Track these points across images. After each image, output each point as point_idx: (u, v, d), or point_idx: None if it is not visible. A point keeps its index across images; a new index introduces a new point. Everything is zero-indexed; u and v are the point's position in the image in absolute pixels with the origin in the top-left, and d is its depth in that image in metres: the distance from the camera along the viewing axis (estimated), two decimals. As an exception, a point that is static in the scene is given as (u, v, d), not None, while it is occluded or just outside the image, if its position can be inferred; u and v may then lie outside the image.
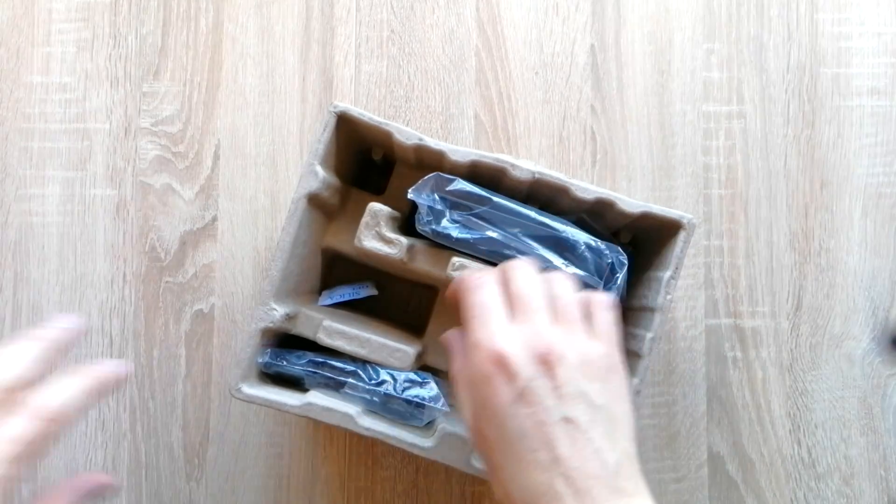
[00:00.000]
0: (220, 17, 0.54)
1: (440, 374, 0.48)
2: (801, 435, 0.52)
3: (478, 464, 0.42)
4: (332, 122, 0.43)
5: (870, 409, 0.52)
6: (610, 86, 0.54)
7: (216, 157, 0.53)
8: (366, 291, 0.50)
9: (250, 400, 0.42)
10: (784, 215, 0.53)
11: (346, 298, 0.49)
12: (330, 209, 0.47)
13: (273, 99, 0.54)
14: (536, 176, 0.43)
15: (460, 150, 0.43)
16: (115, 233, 0.53)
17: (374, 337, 0.44)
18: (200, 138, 0.53)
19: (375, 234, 0.43)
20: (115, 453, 0.52)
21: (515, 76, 0.54)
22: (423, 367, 0.48)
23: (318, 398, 0.43)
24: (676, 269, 0.43)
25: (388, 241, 0.43)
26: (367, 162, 0.50)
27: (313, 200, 0.44)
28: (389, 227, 0.43)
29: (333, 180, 0.45)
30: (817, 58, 0.53)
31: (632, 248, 0.48)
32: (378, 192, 0.48)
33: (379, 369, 0.44)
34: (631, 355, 0.43)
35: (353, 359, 0.44)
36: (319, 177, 0.43)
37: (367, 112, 0.43)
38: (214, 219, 0.53)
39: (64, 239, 0.53)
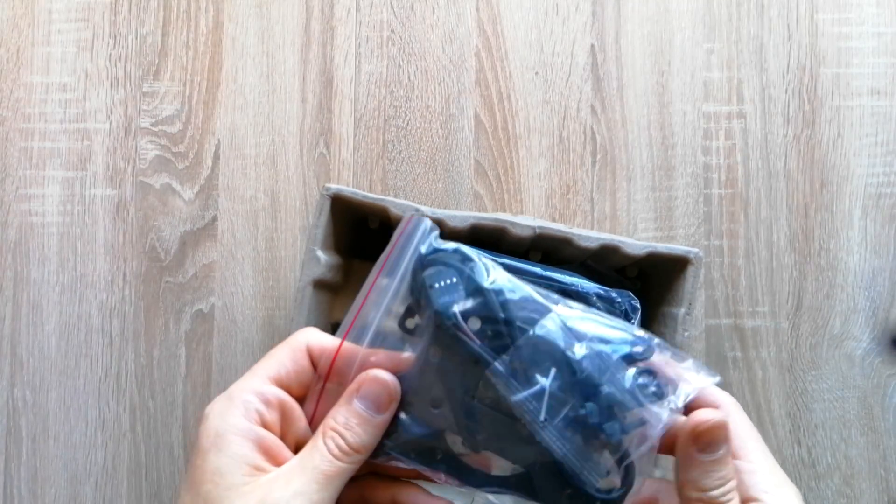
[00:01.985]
0: (220, 17, 0.54)
1: None
2: (801, 435, 0.52)
3: None
4: (327, 205, 0.44)
5: (870, 409, 0.52)
6: (610, 86, 0.54)
7: (216, 157, 0.53)
8: None
9: None
10: (784, 215, 0.53)
11: None
12: (335, 287, 0.47)
13: (273, 99, 0.54)
14: (538, 231, 0.43)
15: (458, 214, 0.43)
16: (115, 233, 0.53)
17: None
18: (200, 138, 0.53)
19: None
20: (115, 453, 0.52)
21: (515, 76, 0.54)
22: None
23: None
24: (690, 304, 0.43)
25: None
26: (364, 229, 0.49)
27: (318, 284, 0.44)
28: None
29: (335, 260, 0.45)
30: (817, 58, 0.53)
31: (640, 283, 0.48)
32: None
33: None
34: None
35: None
36: (322, 261, 0.43)
37: (360, 191, 0.44)
38: (214, 219, 0.53)
39: (64, 239, 0.53)
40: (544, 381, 0.27)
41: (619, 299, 0.42)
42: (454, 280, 0.27)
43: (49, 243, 0.53)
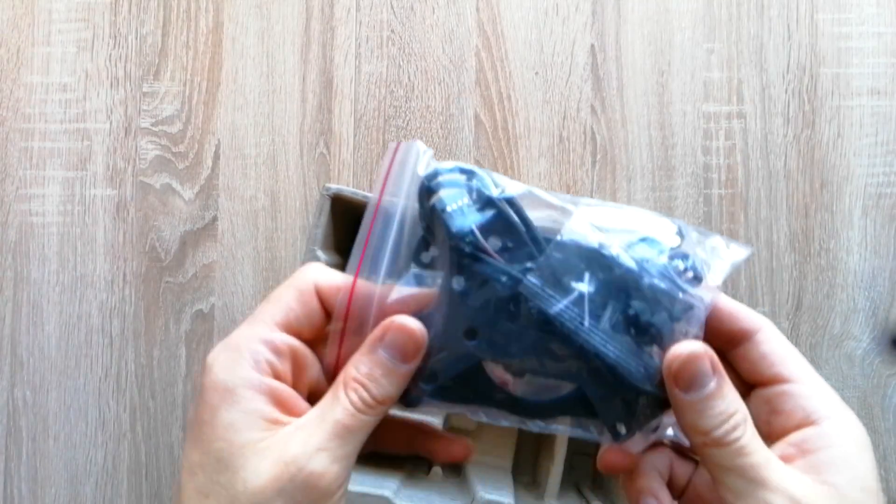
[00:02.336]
0: (220, 17, 0.54)
1: (461, 434, 0.47)
2: (801, 435, 0.52)
3: None
4: (327, 205, 0.43)
5: (870, 409, 0.52)
6: (610, 86, 0.54)
7: (216, 157, 0.53)
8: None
9: None
10: (784, 215, 0.53)
11: None
12: None
13: (273, 99, 0.54)
14: None
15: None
16: (115, 233, 0.53)
17: (397, 412, 0.42)
18: (200, 138, 0.53)
19: None
20: (115, 453, 0.52)
21: (515, 76, 0.54)
22: (450, 429, 0.47)
23: (351, 484, 0.41)
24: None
25: None
26: None
27: None
28: None
29: (335, 260, 0.45)
30: (817, 58, 0.53)
31: None
32: None
33: None
34: None
35: None
36: (322, 261, 0.43)
37: (360, 191, 0.44)
38: (214, 219, 0.53)
39: (64, 239, 0.53)
40: (581, 287, 0.25)
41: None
42: (465, 200, 0.25)
43: (49, 243, 0.53)
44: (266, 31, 0.54)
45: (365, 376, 0.25)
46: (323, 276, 0.26)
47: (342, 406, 0.25)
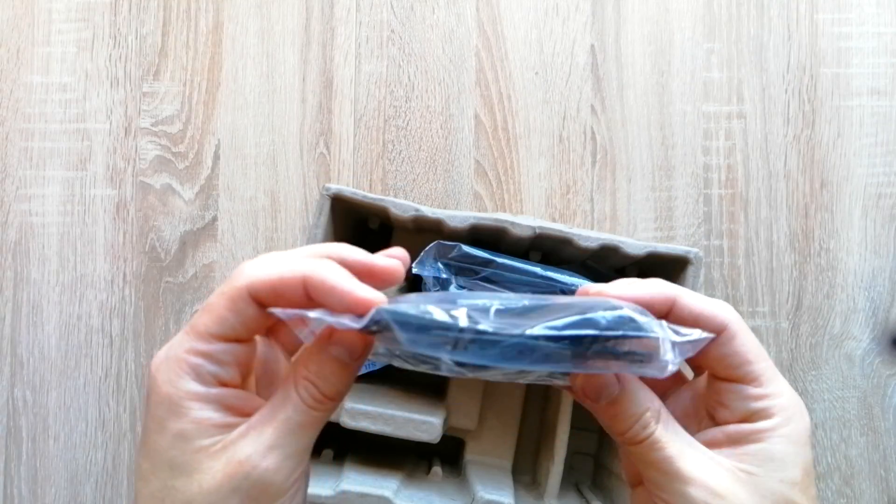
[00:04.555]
0: (220, 17, 0.54)
1: (460, 434, 0.47)
2: (801, 435, 0.52)
3: None
4: (327, 205, 0.43)
5: (870, 409, 0.52)
6: (610, 86, 0.54)
7: (216, 157, 0.53)
8: (380, 363, 0.48)
9: None
10: (784, 215, 0.53)
11: (362, 373, 0.48)
12: None
13: (273, 99, 0.54)
14: (538, 231, 0.43)
15: (458, 215, 0.43)
16: (115, 233, 0.53)
17: (398, 413, 0.43)
18: (200, 138, 0.53)
19: None
20: (116, 453, 0.52)
21: (515, 76, 0.54)
22: (450, 429, 0.47)
23: (352, 484, 0.42)
24: None
25: None
26: (364, 228, 0.49)
27: None
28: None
29: None
30: (817, 58, 0.53)
31: None
32: None
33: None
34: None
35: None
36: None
37: (360, 191, 0.44)
38: (214, 219, 0.53)
39: (64, 239, 0.53)
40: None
41: None
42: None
43: (49, 243, 0.53)
44: (266, 31, 0.54)
45: (314, 374, 0.25)
46: (259, 274, 0.25)
47: (293, 403, 0.25)
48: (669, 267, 0.45)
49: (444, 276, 0.41)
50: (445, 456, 0.50)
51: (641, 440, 0.26)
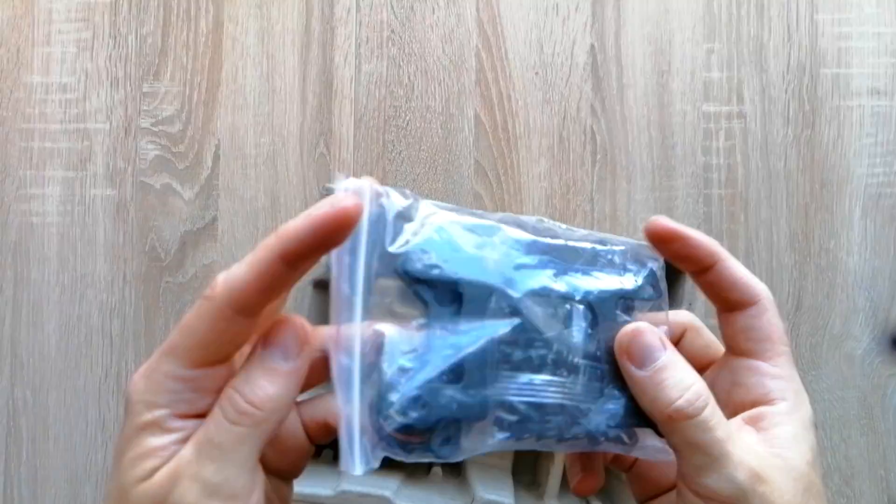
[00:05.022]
0: (220, 17, 0.54)
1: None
2: (801, 435, 0.52)
3: None
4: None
5: (870, 409, 0.52)
6: (610, 86, 0.54)
7: (216, 157, 0.53)
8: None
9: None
10: (784, 215, 0.53)
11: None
12: None
13: (273, 99, 0.54)
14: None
15: (456, 208, 0.43)
16: (115, 233, 0.53)
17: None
18: (200, 138, 0.53)
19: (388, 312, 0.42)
20: (115, 453, 0.52)
21: (515, 76, 0.54)
22: None
23: (352, 484, 0.42)
24: (690, 305, 0.43)
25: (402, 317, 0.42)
26: None
27: (318, 284, 0.44)
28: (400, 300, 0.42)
29: None
30: (817, 58, 0.53)
31: None
32: None
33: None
34: None
35: None
36: (322, 261, 0.42)
37: None
38: (214, 219, 0.53)
39: (64, 239, 0.53)
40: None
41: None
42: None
43: (49, 243, 0.53)
44: (266, 31, 0.54)
45: (241, 381, 0.22)
46: (237, 283, 0.23)
47: (214, 420, 0.22)
48: (670, 267, 0.45)
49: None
50: (445, 456, 0.50)
51: (692, 415, 0.24)
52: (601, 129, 0.53)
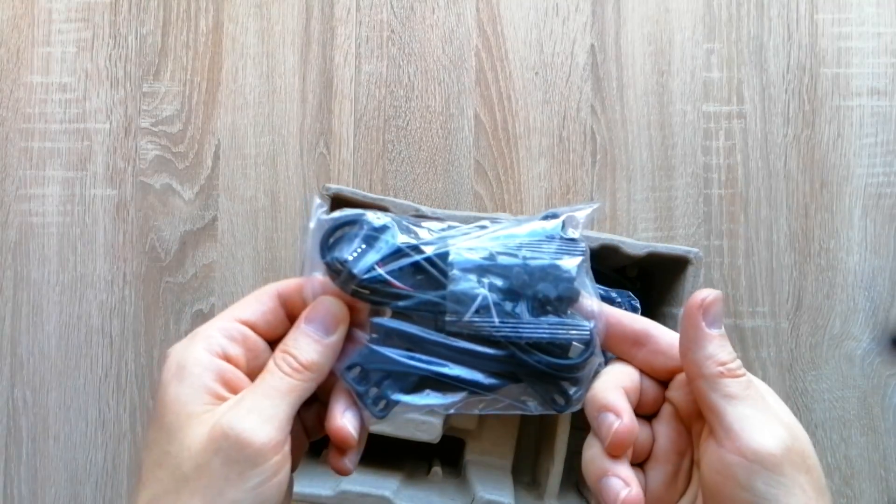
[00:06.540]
0: (220, 17, 0.54)
1: (460, 434, 0.47)
2: (801, 435, 0.52)
3: None
4: (327, 205, 0.44)
5: (870, 409, 0.52)
6: (610, 86, 0.54)
7: (216, 157, 0.53)
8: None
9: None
10: (784, 215, 0.53)
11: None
12: None
13: (273, 99, 0.54)
14: None
15: (456, 214, 0.43)
16: (115, 233, 0.53)
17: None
18: (200, 138, 0.53)
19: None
20: (116, 453, 0.52)
21: (515, 76, 0.54)
22: (450, 429, 0.47)
23: (352, 484, 0.42)
24: None
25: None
26: None
27: None
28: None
29: None
30: (817, 58, 0.53)
31: (640, 283, 0.48)
32: None
33: None
34: None
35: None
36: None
37: (360, 191, 0.44)
38: (214, 219, 0.53)
39: (64, 239, 0.53)
40: (482, 291, 0.28)
41: (618, 299, 0.41)
42: (363, 247, 0.28)
43: (49, 243, 0.53)
44: (266, 31, 0.54)
45: (292, 346, 0.28)
46: (285, 283, 0.30)
47: (270, 371, 0.27)
48: (669, 267, 0.45)
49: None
50: (445, 456, 0.50)
51: (741, 374, 0.27)
52: (601, 128, 0.53)
